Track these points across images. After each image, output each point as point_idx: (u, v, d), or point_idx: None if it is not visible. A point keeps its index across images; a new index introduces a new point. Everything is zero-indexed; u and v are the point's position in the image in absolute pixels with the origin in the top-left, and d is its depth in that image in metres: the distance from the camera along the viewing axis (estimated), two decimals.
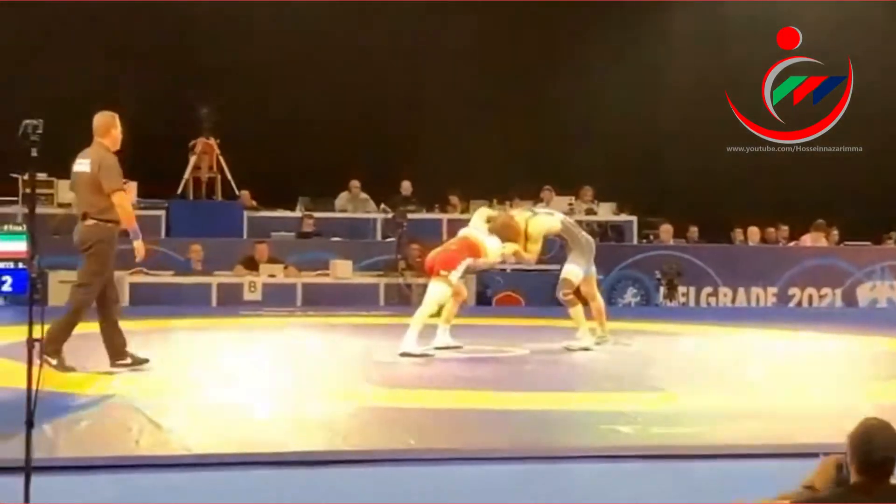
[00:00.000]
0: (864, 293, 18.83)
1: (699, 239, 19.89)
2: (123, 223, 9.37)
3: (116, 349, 9.43)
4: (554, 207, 14.96)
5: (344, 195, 19.33)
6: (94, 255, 9.26)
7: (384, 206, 19.03)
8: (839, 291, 18.78)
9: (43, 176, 15.50)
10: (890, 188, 20.22)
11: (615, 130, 20.96)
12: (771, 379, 10.15)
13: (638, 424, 7.50)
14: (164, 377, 9.41)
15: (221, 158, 18.19)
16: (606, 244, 17.67)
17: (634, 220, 19.42)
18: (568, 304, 11.74)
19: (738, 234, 20.21)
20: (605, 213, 19.54)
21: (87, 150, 9.41)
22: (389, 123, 20.04)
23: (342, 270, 17.04)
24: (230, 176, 18.21)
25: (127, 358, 9.44)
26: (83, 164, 9.32)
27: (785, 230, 20.23)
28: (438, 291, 11.12)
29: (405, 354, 10.73)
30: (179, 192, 18.31)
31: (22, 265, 6.74)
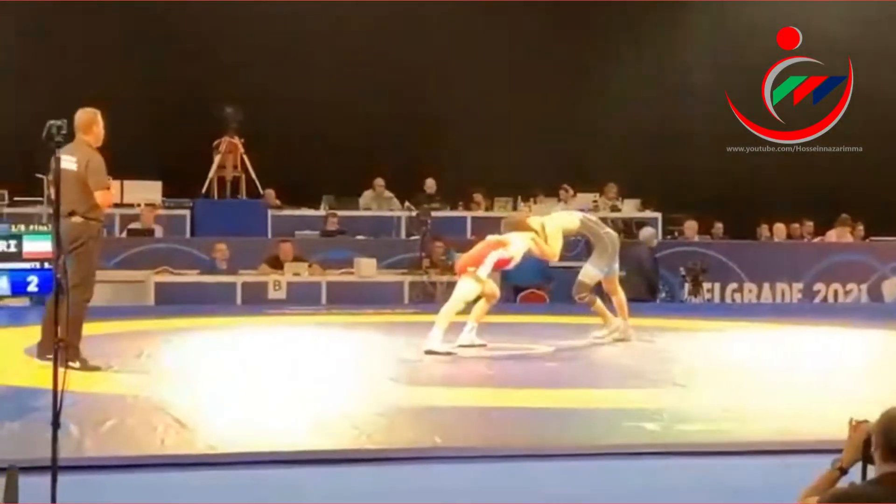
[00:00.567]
0: (889, 288, 18.74)
1: (724, 235, 19.84)
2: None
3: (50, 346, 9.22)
4: (577, 204, 14.93)
5: (368, 193, 19.34)
6: (82, 253, 9.25)
7: (408, 203, 19.00)
8: (864, 287, 18.69)
9: None
10: None
11: (640, 128, 20.95)
12: (796, 375, 10.12)
13: (663, 421, 7.50)
14: (189, 376, 9.44)
15: (246, 157, 18.21)
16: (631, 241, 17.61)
17: (659, 216, 19.39)
18: (586, 305, 11.79)
19: (763, 230, 20.15)
20: (629, 209, 19.51)
21: (70, 146, 8.71)
22: (414, 121, 20.04)
23: (366, 269, 17.03)
24: (255, 175, 18.22)
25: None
26: (69, 161, 8.96)
27: (810, 226, 20.16)
28: (466, 289, 11.13)
29: (430, 352, 10.74)
30: (204, 191, 18.33)
31: (47, 265, 6.74)
